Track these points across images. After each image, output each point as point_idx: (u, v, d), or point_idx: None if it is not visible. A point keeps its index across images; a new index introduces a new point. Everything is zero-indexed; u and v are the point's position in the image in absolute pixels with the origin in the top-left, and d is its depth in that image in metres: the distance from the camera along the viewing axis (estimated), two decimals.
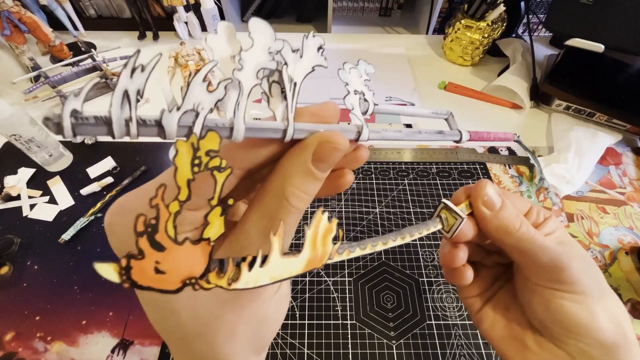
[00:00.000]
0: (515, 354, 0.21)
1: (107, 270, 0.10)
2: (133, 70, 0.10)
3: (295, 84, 0.14)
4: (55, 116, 0.10)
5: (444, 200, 0.20)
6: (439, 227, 0.20)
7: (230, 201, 0.12)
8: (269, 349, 0.38)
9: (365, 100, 0.17)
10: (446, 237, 0.20)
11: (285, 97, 0.14)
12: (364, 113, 0.17)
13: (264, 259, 0.12)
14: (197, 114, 0.11)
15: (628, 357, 0.18)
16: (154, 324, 0.15)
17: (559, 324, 0.19)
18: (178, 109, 0.11)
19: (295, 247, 0.14)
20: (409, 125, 0.62)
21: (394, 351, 0.39)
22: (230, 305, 0.15)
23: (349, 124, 0.16)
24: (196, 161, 0.11)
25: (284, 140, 0.14)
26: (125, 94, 0.10)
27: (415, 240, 0.20)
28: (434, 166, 0.56)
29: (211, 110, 0.11)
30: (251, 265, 0.12)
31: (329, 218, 0.13)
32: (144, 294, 0.14)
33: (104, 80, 0.66)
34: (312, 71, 0.15)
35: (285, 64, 0.14)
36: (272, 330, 0.17)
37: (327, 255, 0.13)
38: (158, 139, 0.13)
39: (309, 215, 0.48)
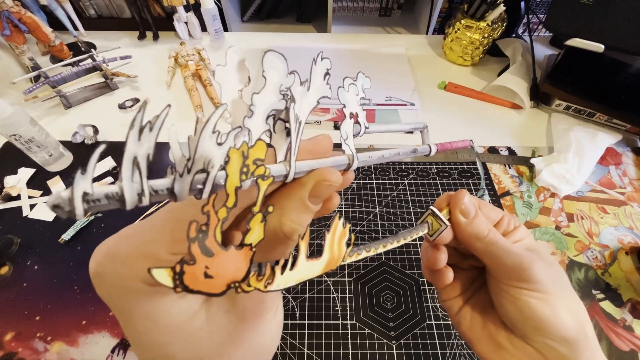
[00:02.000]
0: (492, 353, 0.22)
1: (162, 275, 0.10)
2: (141, 131, 0.10)
3: (300, 122, 0.14)
4: (66, 203, 0.09)
5: (431, 207, 0.23)
6: (426, 231, 0.23)
7: (270, 208, 0.13)
8: None
9: (358, 122, 0.18)
10: (428, 240, 0.23)
11: (288, 134, 0.14)
12: (356, 135, 0.18)
13: (294, 262, 0.12)
14: (208, 174, 0.11)
15: (588, 352, 0.20)
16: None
17: (526, 321, 0.21)
18: (188, 170, 0.11)
19: (319, 250, 0.15)
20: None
21: (394, 351, 0.39)
22: (229, 343, 0.15)
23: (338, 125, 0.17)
24: (244, 169, 0.11)
25: (285, 181, 0.14)
26: (135, 162, 0.10)
27: (408, 241, 0.21)
28: (434, 166, 0.56)
29: (221, 167, 0.11)
30: (283, 268, 0.12)
31: (344, 224, 0.14)
32: (136, 334, 0.14)
33: (103, 80, 0.66)
34: (317, 105, 0.15)
35: (293, 100, 0.14)
36: (269, 356, 0.17)
37: (342, 257, 0.14)
38: (158, 140, 0.11)
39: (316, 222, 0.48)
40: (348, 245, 0.15)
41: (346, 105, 0.17)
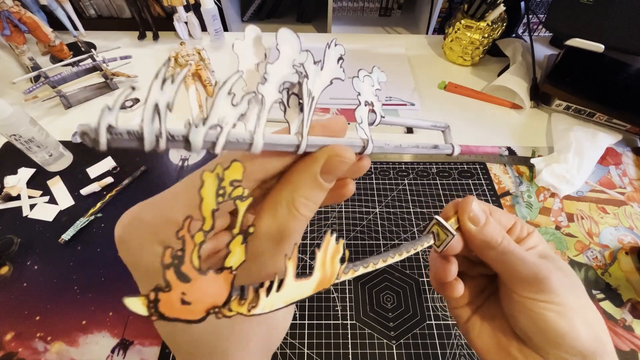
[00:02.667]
0: None
1: (136, 304, 0.10)
2: (164, 82, 0.10)
3: (313, 98, 0.14)
4: (92, 131, 0.10)
5: (436, 217, 0.21)
6: (432, 242, 0.21)
7: (251, 229, 0.12)
8: None
9: (374, 111, 0.18)
10: (436, 250, 0.22)
11: (302, 110, 0.14)
12: (371, 124, 0.18)
13: (280, 283, 0.12)
14: (221, 129, 0.12)
15: None
16: (166, 339, 0.16)
17: (541, 334, 0.19)
18: (204, 123, 0.11)
19: (310, 270, 0.14)
20: (410, 129, 0.62)
21: (394, 351, 0.39)
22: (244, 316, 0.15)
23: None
24: (220, 191, 0.11)
25: (297, 153, 0.14)
26: (156, 108, 0.10)
27: (411, 254, 0.20)
28: (434, 166, 0.56)
29: (234, 125, 0.12)
30: (269, 290, 0.12)
31: (337, 239, 0.14)
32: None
33: (103, 80, 0.66)
34: (330, 84, 0.15)
35: (307, 76, 0.14)
36: (280, 336, 0.17)
37: (335, 275, 0.14)
38: None
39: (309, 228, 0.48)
40: (342, 261, 0.14)
41: (361, 93, 0.17)
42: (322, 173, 0.15)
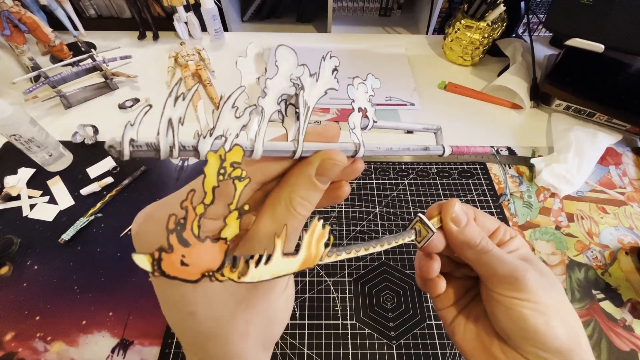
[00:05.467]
0: None
1: (142, 260, 0.11)
2: (176, 99, 0.12)
3: (308, 107, 0.16)
4: (117, 144, 0.12)
5: (419, 214, 0.22)
6: (413, 237, 0.22)
7: (246, 207, 0.13)
8: None
9: (367, 117, 0.19)
10: (418, 246, 0.23)
11: (298, 119, 0.16)
12: (364, 128, 0.19)
13: (268, 257, 0.13)
14: (226, 139, 0.13)
15: None
16: (173, 326, 0.17)
17: (519, 332, 0.20)
18: (210, 134, 0.13)
19: (296, 249, 0.16)
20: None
21: (394, 351, 0.39)
22: (244, 305, 0.16)
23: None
24: (222, 170, 0.12)
25: (293, 158, 0.16)
26: (170, 122, 0.12)
27: (393, 247, 0.21)
28: (434, 166, 0.56)
29: (237, 135, 0.14)
30: (258, 262, 0.13)
31: (323, 225, 0.15)
32: (166, 297, 0.16)
33: (103, 80, 0.66)
34: (324, 94, 0.17)
35: (302, 88, 0.16)
36: (280, 328, 0.18)
37: (319, 257, 0.15)
38: None
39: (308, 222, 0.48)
40: (327, 245, 0.15)
41: (355, 100, 0.18)
42: (316, 175, 0.16)
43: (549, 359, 0.20)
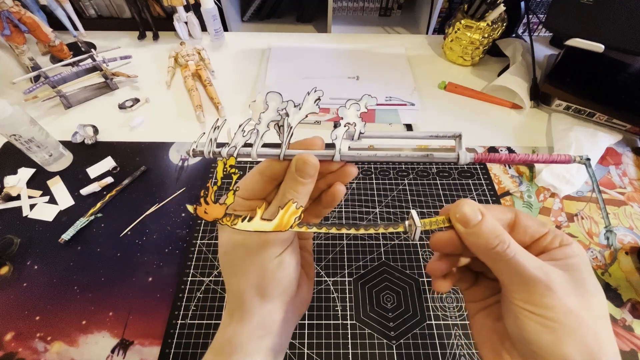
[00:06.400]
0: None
1: (190, 207, 0.21)
2: (214, 129, 0.24)
3: (291, 127, 0.23)
4: (196, 152, 0.23)
5: (411, 210, 0.23)
6: (400, 229, 0.23)
7: (237, 187, 0.23)
8: None
9: (356, 128, 0.24)
10: (409, 239, 0.27)
11: (283, 135, 0.23)
12: (352, 139, 0.24)
13: (251, 218, 0.21)
14: (236, 148, 0.23)
15: None
16: (220, 245, 0.24)
17: (524, 342, 0.19)
18: (227, 146, 0.23)
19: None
20: (408, 126, 0.62)
21: (394, 351, 0.39)
22: (247, 253, 0.23)
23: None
24: (225, 169, 0.22)
25: (280, 159, 0.23)
26: (210, 140, 0.23)
27: (371, 233, 0.27)
28: (434, 166, 0.56)
29: (243, 145, 0.23)
30: (243, 219, 0.21)
31: (297, 206, 0.21)
32: (224, 236, 0.24)
33: (103, 80, 0.66)
34: (305, 117, 0.23)
35: (287, 115, 0.23)
36: (272, 283, 0.23)
37: (290, 225, 0.21)
38: (158, 140, 0.36)
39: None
40: (297, 220, 0.21)
41: (344, 118, 0.23)
42: (296, 171, 0.22)
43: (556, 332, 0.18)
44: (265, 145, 0.23)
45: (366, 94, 0.23)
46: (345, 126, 0.23)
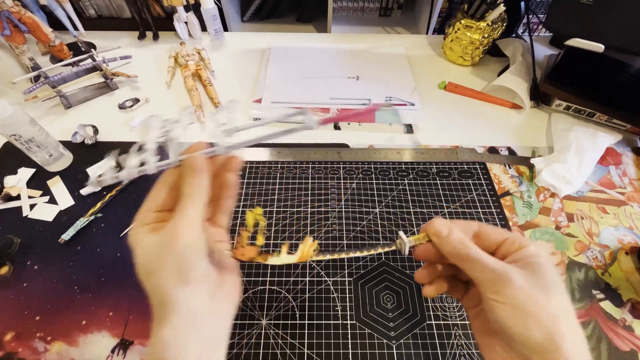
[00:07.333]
0: (489, 355, 0.26)
1: (227, 253, 0.27)
2: (139, 148, 0.26)
3: (176, 139, 0.27)
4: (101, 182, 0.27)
5: (399, 232, 0.30)
6: (394, 248, 0.29)
7: (265, 230, 0.31)
8: (269, 349, 0.38)
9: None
10: (401, 254, 0.32)
11: (167, 151, 0.27)
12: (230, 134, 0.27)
13: (279, 253, 0.27)
14: (124, 170, 0.26)
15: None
16: (138, 268, 0.24)
17: (503, 331, 0.23)
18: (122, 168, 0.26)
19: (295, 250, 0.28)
20: (409, 125, 0.62)
21: (394, 351, 0.39)
22: (161, 248, 0.23)
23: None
24: (254, 218, 0.31)
25: (174, 167, 0.26)
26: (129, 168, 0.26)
27: (372, 254, 0.32)
28: (434, 166, 0.56)
29: (140, 165, 0.26)
30: (272, 254, 0.27)
31: (313, 240, 0.28)
32: (146, 247, 0.24)
33: (103, 80, 0.66)
34: (185, 130, 0.28)
35: (170, 131, 0.27)
36: (189, 265, 0.23)
37: (310, 256, 0.26)
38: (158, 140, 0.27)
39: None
40: (315, 250, 0.26)
41: (219, 120, 0.27)
42: (187, 168, 0.25)
43: (529, 356, 0.22)
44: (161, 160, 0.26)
45: (153, 115, 0.29)
46: (222, 124, 0.27)
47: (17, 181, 0.52)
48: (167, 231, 0.23)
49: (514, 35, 0.77)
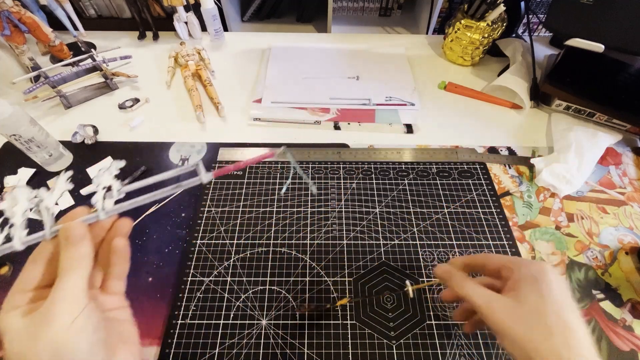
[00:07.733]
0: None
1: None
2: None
3: (48, 209, 0.24)
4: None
5: (407, 281, 0.36)
6: (410, 295, 0.36)
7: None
8: (269, 349, 0.38)
9: (110, 190, 0.26)
10: (409, 296, 0.37)
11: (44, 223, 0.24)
12: (114, 198, 0.26)
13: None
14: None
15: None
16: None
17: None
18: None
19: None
20: (409, 126, 0.62)
21: (394, 351, 0.39)
22: (34, 336, 0.20)
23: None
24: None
25: (48, 239, 0.24)
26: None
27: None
28: (434, 166, 0.56)
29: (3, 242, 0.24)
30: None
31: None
32: (17, 337, 0.21)
33: (103, 80, 0.66)
34: (61, 195, 0.26)
35: (42, 200, 0.24)
36: (68, 348, 0.20)
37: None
38: (158, 140, 0.29)
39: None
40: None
41: (99, 184, 0.26)
42: (65, 239, 0.23)
43: (514, 351, 0.25)
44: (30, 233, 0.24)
45: (115, 161, 0.28)
46: (103, 189, 0.26)
47: (17, 181, 0.52)
48: (42, 312, 0.21)
49: (514, 35, 0.77)
